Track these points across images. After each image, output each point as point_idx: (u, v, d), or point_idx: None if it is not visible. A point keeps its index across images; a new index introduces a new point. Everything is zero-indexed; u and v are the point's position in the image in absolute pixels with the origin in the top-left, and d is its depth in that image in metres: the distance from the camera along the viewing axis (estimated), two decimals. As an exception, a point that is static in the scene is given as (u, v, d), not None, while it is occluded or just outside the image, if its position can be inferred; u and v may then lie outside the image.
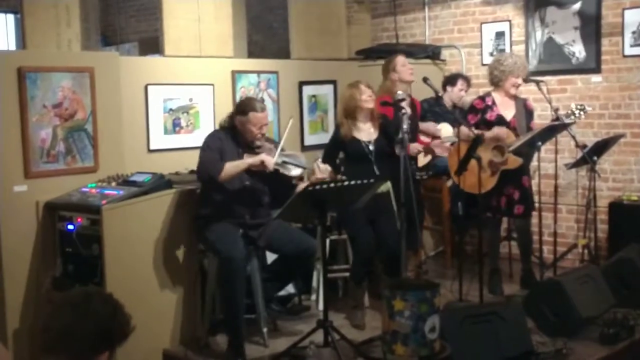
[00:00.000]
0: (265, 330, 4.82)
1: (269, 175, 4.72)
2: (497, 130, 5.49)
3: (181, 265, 4.86)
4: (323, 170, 4.80)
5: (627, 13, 6.29)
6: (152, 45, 8.24)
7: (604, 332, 4.58)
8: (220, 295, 4.74)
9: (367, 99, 5.22)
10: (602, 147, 5.79)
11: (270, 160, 4.61)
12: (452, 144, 5.88)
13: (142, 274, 4.64)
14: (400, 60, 5.77)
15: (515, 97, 5.65)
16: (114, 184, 4.82)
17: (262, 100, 4.94)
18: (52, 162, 4.77)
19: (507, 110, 5.62)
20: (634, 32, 6.27)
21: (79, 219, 4.59)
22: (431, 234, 6.91)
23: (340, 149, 5.38)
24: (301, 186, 4.85)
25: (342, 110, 5.35)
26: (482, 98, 5.71)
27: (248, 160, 4.64)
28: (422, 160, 6.25)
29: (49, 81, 4.73)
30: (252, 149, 4.80)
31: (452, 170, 5.60)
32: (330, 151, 5.41)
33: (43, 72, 4.70)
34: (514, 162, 5.51)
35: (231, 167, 4.61)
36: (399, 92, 5.19)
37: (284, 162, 4.79)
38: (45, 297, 4.61)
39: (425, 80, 5.49)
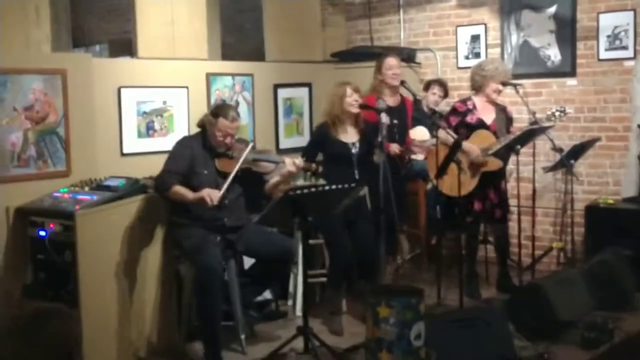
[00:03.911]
0: (243, 337, 4.74)
1: (242, 174, 4.65)
2: (471, 147, 5.44)
3: (157, 271, 4.76)
4: (289, 164, 4.73)
5: (602, 17, 6.31)
6: (123, 46, 8.09)
7: (585, 336, 4.56)
8: (197, 304, 4.64)
9: (353, 103, 5.17)
10: (578, 150, 5.80)
11: (215, 195, 4.44)
12: (434, 146, 5.82)
13: (116, 281, 4.53)
14: (388, 62, 5.67)
15: (495, 104, 5.64)
16: (87, 188, 4.70)
17: (237, 112, 4.84)
18: (22, 167, 4.64)
19: (488, 114, 5.61)
20: (608, 36, 6.29)
21: (52, 225, 4.47)
22: (407, 238, 6.87)
23: (321, 149, 5.33)
24: (271, 181, 4.79)
25: (329, 110, 5.28)
26: (463, 101, 5.70)
27: (190, 196, 4.52)
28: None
29: (19, 84, 4.60)
30: (224, 153, 4.72)
31: (432, 173, 5.56)
32: (310, 151, 5.35)
33: (13, 75, 4.57)
34: (494, 163, 5.49)
35: (177, 193, 4.54)
36: (380, 100, 5.15)
37: (255, 160, 4.73)
38: (15, 306, 4.47)
39: (402, 83, 5.47)
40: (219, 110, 4.72)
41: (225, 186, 4.49)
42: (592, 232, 6.06)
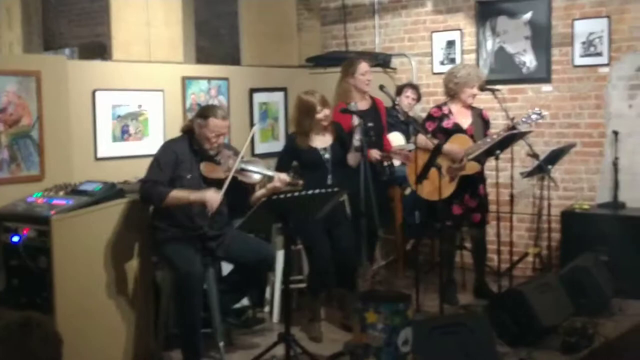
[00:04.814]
0: (221, 344, 4.65)
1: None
2: (453, 148, 5.43)
3: (134, 278, 4.65)
4: (276, 179, 4.66)
5: (576, 24, 6.36)
6: (93, 50, 7.97)
7: (566, 341, 4.57)
8: (176, 311, 4.54)
9: (323, 118, 5.12)
10: (556, 156, 5.82)
11: (215, 200, 4.40)
12: (411, 151, 5.81)
13: (92, 288, 4.43)
14: (362, 68, 5.58)
15: (471, 107, 5.64)
16: (61, 193, 4.58)
17: (225, 110, 4.77)
18: (-5, 171, 4.52)
19: (464, 119, 5.61)
20: (583, 43, 6.33)
21: (25, 230, 4.34)
22: (382, 243, 6.83)
23: (295, 157, 5.27)
24: (257, 194, 4.72)
25: (297, 123, 5.23)
26: (439, 107, 5.70)
27: (192, 196, 4.44)
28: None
29: (-8, 85, 4.49)
30: (210, 157, 4.64)
31: (411, 178, 5.53)
32: (284, 160, 5.29)
33: (-14, 76, 4.46)
34: (473, 167, 5.49)
35: (175, 198, 4.43)
36: (352, 103, 5.12)
37: (243, 170, 4.65)
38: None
39: (381, 88, 5.41)
40: (207, 111, 4.61)
41: (222, 193, 4.43)
42: (567, 238, 6.08)
